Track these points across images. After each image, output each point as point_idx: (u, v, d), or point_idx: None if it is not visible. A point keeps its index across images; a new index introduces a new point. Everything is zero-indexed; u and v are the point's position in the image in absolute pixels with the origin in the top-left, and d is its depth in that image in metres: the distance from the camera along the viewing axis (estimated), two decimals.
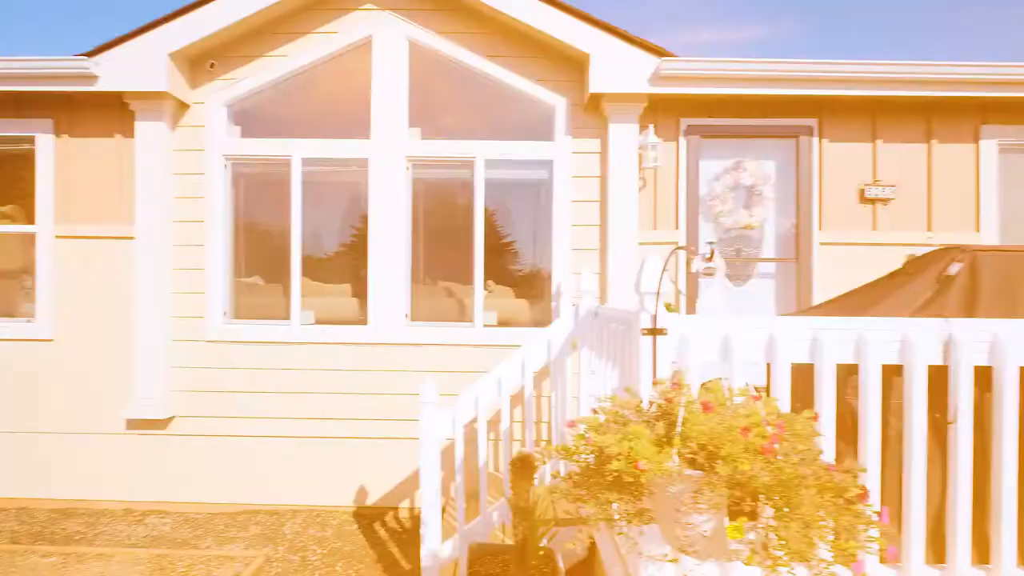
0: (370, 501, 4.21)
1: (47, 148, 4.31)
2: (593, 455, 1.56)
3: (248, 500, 4.26)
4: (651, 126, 3.96)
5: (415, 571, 3.40)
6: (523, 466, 2.59)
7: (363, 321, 4.24)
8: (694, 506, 1.31)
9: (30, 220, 4.37)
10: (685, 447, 1.35)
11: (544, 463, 3.10)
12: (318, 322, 4.33)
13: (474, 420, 3.05)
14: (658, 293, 1.92)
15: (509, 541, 3.13)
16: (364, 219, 4.26)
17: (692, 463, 1.36)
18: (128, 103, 4.18)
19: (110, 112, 4.29)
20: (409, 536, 3.86)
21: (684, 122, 4.11)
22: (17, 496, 4.32)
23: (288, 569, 3.40)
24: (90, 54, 4.06)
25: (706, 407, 1.37)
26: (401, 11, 4.20)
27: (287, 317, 4.30)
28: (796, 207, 4.08)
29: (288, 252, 4.29)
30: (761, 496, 1.25)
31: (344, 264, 4.55)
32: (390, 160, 4.18)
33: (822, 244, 4.07)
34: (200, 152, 4.29)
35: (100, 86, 4.06)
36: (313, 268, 4.42)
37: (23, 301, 4.45)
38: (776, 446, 1.26)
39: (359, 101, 4.25)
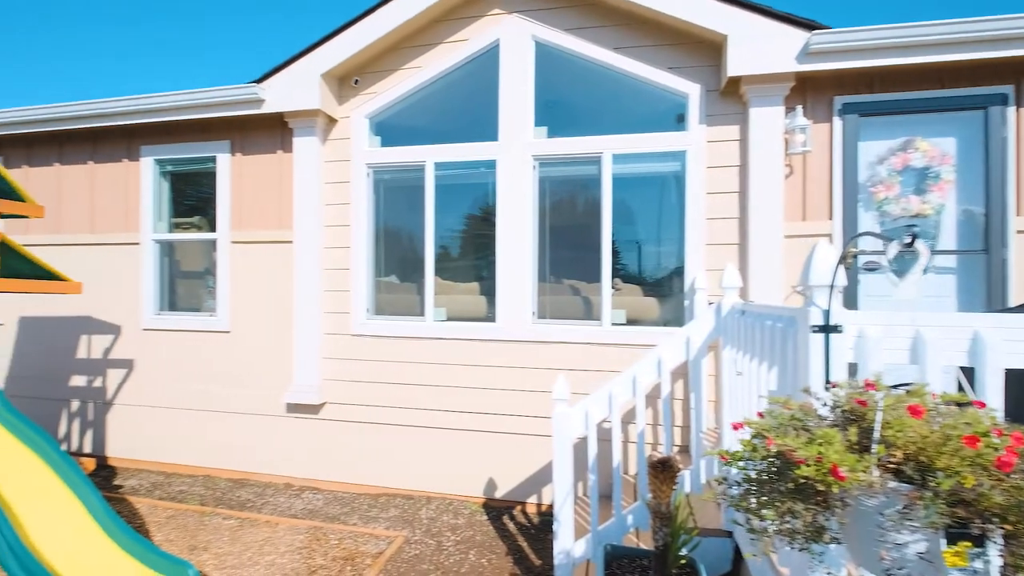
0: (498, 494, 4.31)
1: (225, 165, 4.97)
2: (766, 460, 1.43)
3: (386, 484, 4.57)
4: (799, 107, 3.61)
5: (546, 567, 3.41)
6: (664, 469, 2.47)
7: (491, 318, 4.35)
8: (901, 523, 1.14)
9: (212, 228, 5.07)
10: (890, 455, 1.18)
11: (684, 467, 2.95)
12: (449, 319, 4.52)
13: (606, 419, 2.98)
14: (832, 286, 1.73)
15: (643, 547, 3.02)
16: (492, 219, 4.38)
17: (897, 473, 1.19)
18: (287, 121, 4.68)
19: (273, 131, 4.84)
20: (537, 532, 3.88)
21: (839, 100, 3.69)
22: (203, 465, 5.02)
23: (425, 551, 3.58)
24: (258, 81, 4.61)
25: (915, 412, 1.19)
26: (527, 12, 4.26)
27: (421, 314, 4.54)
28: (985, 190, 3.48)
29: (422, 252, 4.53)
30: (995, 519, 1.06)
31: (472, 263, 4.71)
32: (517, 160, 4.26)
33: (1021, 232, 3.43)
34: (346, 162, 4.68)
35: (265, 108, 4.59)
36: (443, 267, 4.63)
37: (207, 298, 5.18)
38: (1015, 461, 1.05)
39: (487, 104, 4.37)
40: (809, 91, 3.73)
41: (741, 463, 1.50)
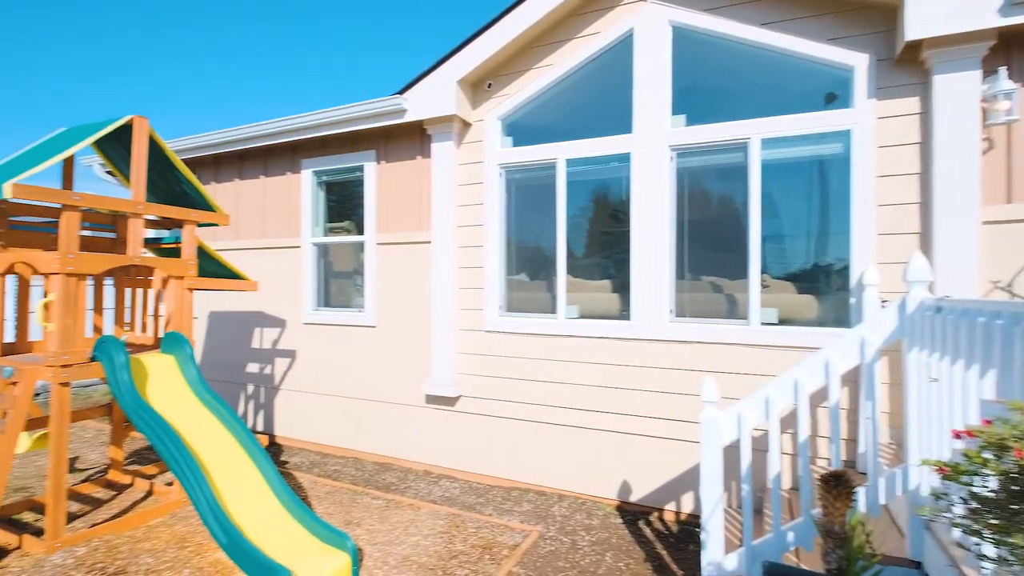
0: (633, 498, 4.16)
1: (371, 173, 5.39)
2: (1004, 475, 1.20)
3: (518, 478, 4.63)
4: (1001, 70, 3.04)
5: None
6: (838, 484, 2.20)
7: (625, 316, 4.23)
8: None
9: (360, 232, 5.53)
10: None
11: (861, 484, 2.61)
12: (581, 316, 4.47)
13: (759, 426, 2.73)
14: None
15: (805, 567, 2.73)
16: (625, 214, 4.26)
17: None
18: (426, 128, 4.96)
19: (413, 138, 5.16)
20: (677, 541, 3.69)
21: None
22: (352, 448, 5.49)
23: (560, 548, 3.56)
24: (400, 92, 4.93)
25: None
26: None
27: (551, 311, 4.55)
28: None
29: (552, 250, 4.53)
30: None
31: (604, 260, 4.62)
32: (653, 152, 4.10)
33: None
34: (479, 164, 4.84)
35: (407, 118, 4.90)
36: (574, 264, 4.59)
37: (356, 295, 5.66)
38: None
39: (620, 96, 4.27)
40: (1015, 49, 3.13)
41: (965, 478, 1.28)
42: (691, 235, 4.11)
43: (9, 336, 4.20)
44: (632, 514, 4.09)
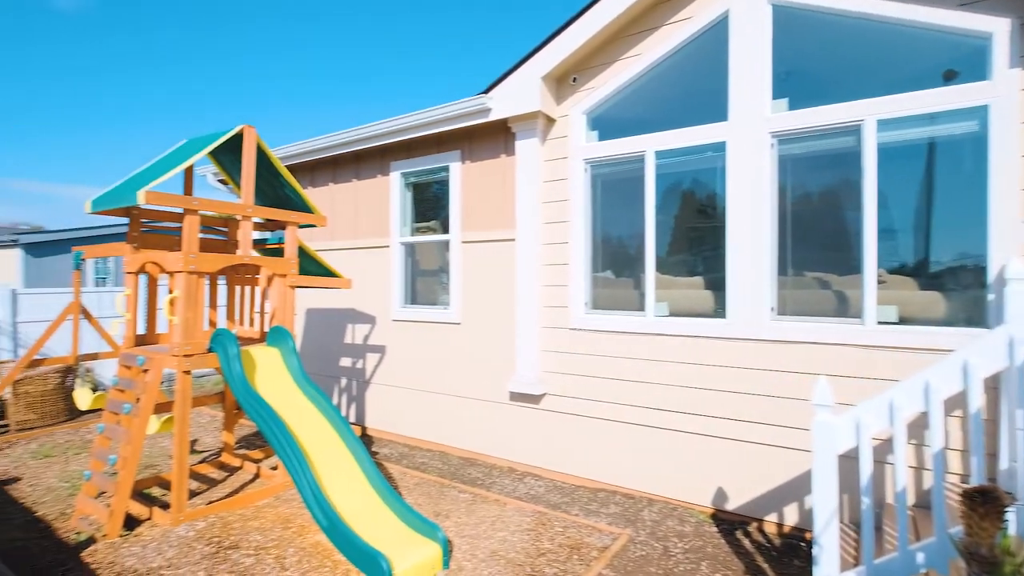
0: (729, 507, 3.94)
1: (456, 173, 5.50)
2: None
3: (605, 479, 4.53)
4: None
5: None
6: (986, 501, 1.94)
7: (720, 314, 4.02)
8: None
9: (445, 231, 5.65)
10: None
11: (1010, 503, 2.30)
12: (670, 315, 4.30)
13: (880, 433, 2.48)
14: None
15: None
16: (719, 207, 4.05)
17: None
18: (510, 126, 4.98)
19: (496, 137, 5.20)
20: (779, 554, 3.44)
21: None
22: (437, 442, 5.62)
23: (651, 554, 3.43)
24: (484, 92, 4.98)
25: None
26: None
27: (639, 308, 4.41)
28: None
29: (640, 246, 4.39)
30: None
31: (695, 256, 4.43)
32: (751, 139, 3.86)
33: None
34: (564, 160, 4.79)
35: (491, 116, 4.93)
36: (663, 260, 4.42)
37: (441, 293, 5.79)
38: None
39: (713, 83, 4.05)
40: None
41: None
42: (794, 227, 3.82)
43: (141, 328, 4.67)
44: (728, 523, 3.87)
